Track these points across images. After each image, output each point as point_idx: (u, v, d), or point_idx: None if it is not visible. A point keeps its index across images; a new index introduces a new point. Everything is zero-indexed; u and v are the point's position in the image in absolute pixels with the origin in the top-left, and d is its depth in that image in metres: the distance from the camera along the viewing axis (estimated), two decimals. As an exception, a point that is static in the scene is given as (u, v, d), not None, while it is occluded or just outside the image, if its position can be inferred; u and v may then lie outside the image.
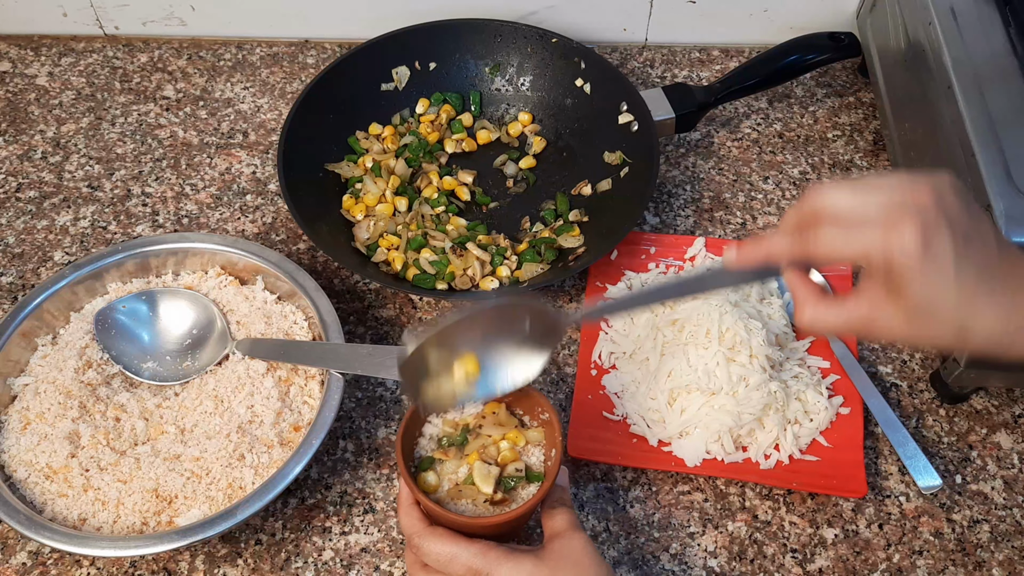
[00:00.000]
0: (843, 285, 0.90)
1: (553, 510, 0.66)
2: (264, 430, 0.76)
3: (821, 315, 0.58)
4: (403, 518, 0.66)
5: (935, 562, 0.76)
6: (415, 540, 0.64)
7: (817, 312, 0.58)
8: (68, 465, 0.74)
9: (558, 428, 0.68)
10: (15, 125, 1.06)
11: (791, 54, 1.01)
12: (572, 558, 0.63)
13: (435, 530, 0.64)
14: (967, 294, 0.53)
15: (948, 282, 0.52)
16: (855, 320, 0.57)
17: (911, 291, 0.53)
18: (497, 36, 1.04)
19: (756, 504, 0.78)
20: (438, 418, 0.70)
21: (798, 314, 0.58)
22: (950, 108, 0.79)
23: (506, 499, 0.66)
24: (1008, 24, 0.84)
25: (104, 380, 0.80)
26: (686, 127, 1.00)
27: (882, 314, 0.55)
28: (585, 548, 0.64)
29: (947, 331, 0.54)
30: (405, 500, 0.67)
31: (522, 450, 0.69)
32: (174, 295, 0.85)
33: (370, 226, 0.92)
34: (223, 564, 0.75)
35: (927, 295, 0.53)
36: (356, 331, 0.89)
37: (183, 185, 1.01)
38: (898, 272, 0.52)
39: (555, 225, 0.94)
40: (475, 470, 0.66)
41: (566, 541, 0.64)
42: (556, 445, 0.68)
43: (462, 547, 0.63)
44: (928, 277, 0.52)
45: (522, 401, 0.70)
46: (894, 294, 0.54)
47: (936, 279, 0.52)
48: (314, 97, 0.97)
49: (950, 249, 0.52)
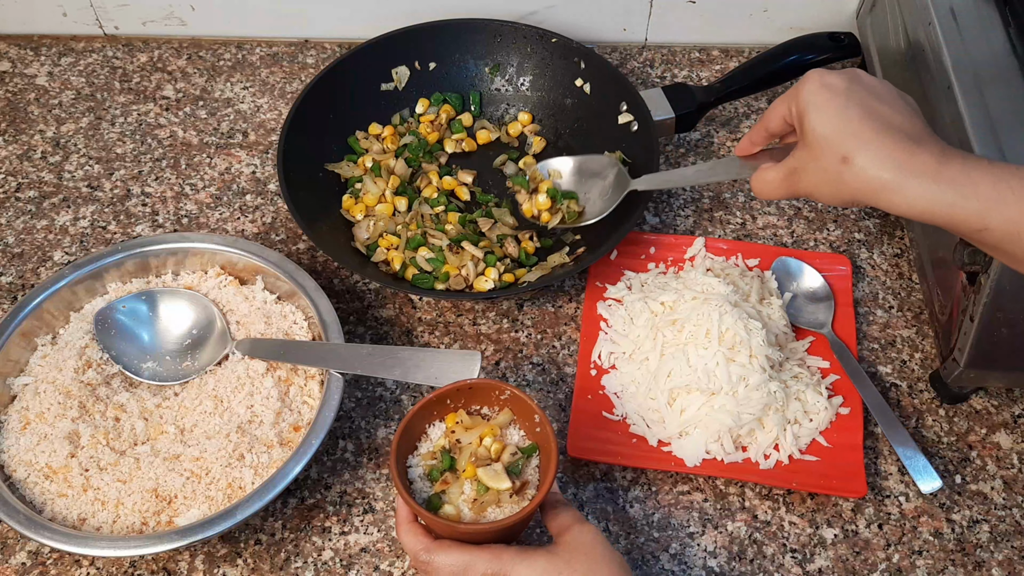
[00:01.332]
0: (843, 285, 0.90)
1: (555, 510, 0.67)
2: (264, 430, 0.76)
3: (762, 177, 0.67)
4: (405, 537, 0.65)
5: (935, 562, 0.76)
6: (422, 556, 0.64)
7: (761, 175, 0.67)
8: (68, 465, 0.74)
9: (525, 397, 0.69)
10: (15, 125, 1.06)
11: (791, 54, 1.01)
12: (583, 549, 0.63)
13: (442, 543, 0.64)
14: (853, 126, 0.59)
15: (836, 110, 0.60)
16: (784, 174, 0.65)
17: (806, 122, 0.62)
18: (497, 36, 1.04)
19: (756, 504, 0.78)
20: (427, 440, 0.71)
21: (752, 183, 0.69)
22: (950, 108, 0.79)
23: (525, 483, 0.67)
24: (1008, 24, 0.84)
25: (104, 380, 0.80)
26: (686, 127, 1.00)
27: (800, 163, 0.63)
28: (595, 538, 0.64)
29: (832, 161, 0.60)
30: (404, 519, 0.66)
31: (503, 437, 0.69)
32: (174, 295, 0.85)
33: (370, 226, 0.92)
34: (223, 564, 0.75)
35: (816, 123, 0.61)
36: (356, 331, 0.89)
37: (183, 185, 1.01)
38: (800, 111, 0.62)
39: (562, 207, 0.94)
40: (482, 478, 0.66)
41: (576, 534, 0.64)
42: (534, 411, 0.68)
43: (474, 555, 0.63)
44: (819, 109, 0.61)
45: (477, 397, 0.71)
46: (803, 141, 0.63)
47: (825, 110, 0.61)
48: (314, 97, 0.97)
49: (841, 86, 0.61)
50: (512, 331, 0.89)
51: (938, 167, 0.57)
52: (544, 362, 0.87)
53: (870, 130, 0.59)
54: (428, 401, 0.70)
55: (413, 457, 0.69)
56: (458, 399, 0.71)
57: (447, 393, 0.70)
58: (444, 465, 0.67)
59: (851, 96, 0.61)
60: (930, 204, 0.57)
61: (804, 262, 0.91)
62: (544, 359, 0.87)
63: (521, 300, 0.92)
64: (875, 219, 0.98)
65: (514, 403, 0.70)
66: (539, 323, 0.90)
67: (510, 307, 0.91)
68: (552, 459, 0.65)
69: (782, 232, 0.97)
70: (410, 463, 0.69)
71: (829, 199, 0.62)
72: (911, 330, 0.89)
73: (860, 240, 0.96)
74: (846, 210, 0.98)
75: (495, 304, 0.91)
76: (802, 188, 0.64)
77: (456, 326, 0.90)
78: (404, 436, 0.68)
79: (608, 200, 0.91)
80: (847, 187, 0.60)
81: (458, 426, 0.70)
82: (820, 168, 0.61)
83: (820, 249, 0.95)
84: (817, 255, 0.92)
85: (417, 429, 0.70)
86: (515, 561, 0.62)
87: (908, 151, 0.58)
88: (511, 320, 0.90)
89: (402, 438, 0.68)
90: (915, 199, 0.57)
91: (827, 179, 0.61)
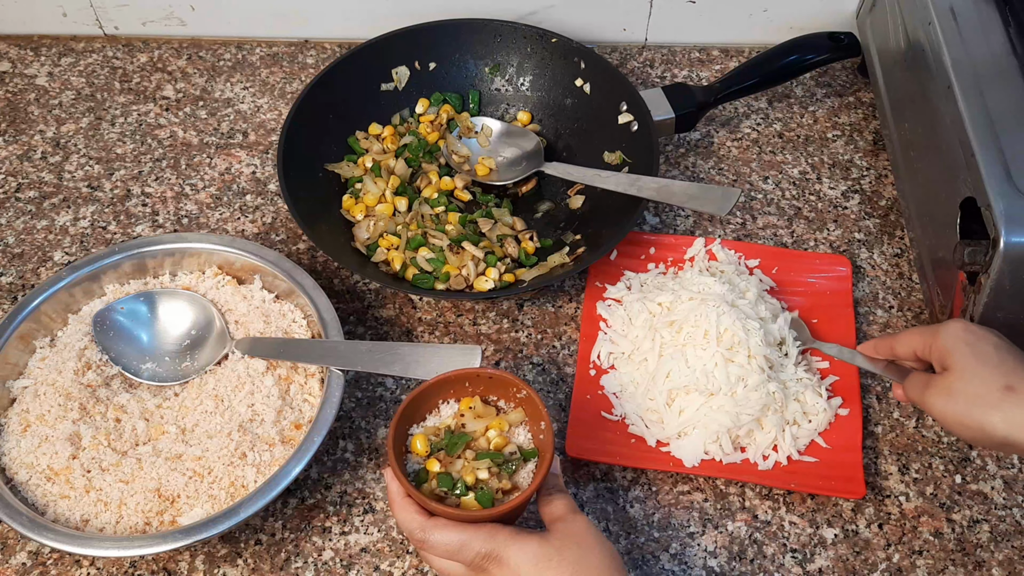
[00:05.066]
0: (842, 287, 0.90)
1: (550, 497, 0.67)
2: (265, 428, 0.76)
3: (918, 380, 0.69)
4: (400, 514, 0.66)
5: (935, 562, 0.76)
6: (418, 535, 0.64)
7: (920, 380, 0.69)
8: (69, 466, 0.74)
9: (539, 402, 0.69)
10: (15, 125, 1.06)
11: (791, 54, 1.01)
12: (575, 538, 0.63)
13: (437, 521, 0.64)
14: (1010, 363, 0.64)
15: (992, 347, 0.65)
16: (924, 386, 0.67)
17: (956, 357, 0.65)
18: (497, 36, 1.03)
19: (756, 504, 0.78)
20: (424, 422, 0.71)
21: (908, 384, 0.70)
22: (950, 108, 0.79)
23: (515, 486, 0.67)
24: (1008, 24, 0.84)
25: (104, 381, 0.80)
26: (686, 127, 1.00)
27: (949, 386, 0.65)
28: (588, 528, 0.64)
29: (993, 389, 0.63)
30: (397, 495, 0.66)
31: (508, 434, 0.70)
32: (172, 296, 0.85)
33: (370, 226, 0.92)
34: (223, 564, 0.75)
35: (971, 357, 0.64)
36: (356, 331, 0.89)
37: (183, 185, 1.01)
38: (946, 348, 0.66)
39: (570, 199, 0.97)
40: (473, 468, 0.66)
41: (568, 524, 0.64)
42: (543, 418, 0.69)
43: (470, 533, 0.63)
44: (971, 345, 0.65)
45: (495, 387, 0.72)
46: (954, 372, 0.65)
47: (978, 345, 0.65)
48: (314, 97, 0.96)
49: (982, 331, 0.66)
50: (512, 331, 0.89)
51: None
52: (544, 362, 0.87)
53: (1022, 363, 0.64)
54: (446, 378, 0.70)
55: (418, 427, 0.70)
56: (477, 385, 0.72)
57: (467, 376, 0.71)
58: (443, 443, 0.68)
59: (995, 339, 0.66)
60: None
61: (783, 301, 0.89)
62: (544, 359, 0.87)
63: (521, 300, 0.92)
64: (875, 219, 0.98)
65: (528, 404, 0.71)
66: (539, 323, 0.90)
67: (510, 307, 0.91)
68: (544, 465, 0.66)
69: (782, 232, 0.97)
70: (412, 431, 0.69)
71: (973, 432, 0.64)
72: (911, 330, 0.89)
73: (860, 240, 0.96)
74: (846, 210, 0.98)
75: (495, 304, 0.91)
76: (935, 404, 0.66)
77: (456, 326, 0.90)
78: (413, 404, 0.69)
79: (518, 171, 0.98)
80: (1006, 417, 0.62)
81: (470, 411, 0.70)
82: (973, 395, 0.63)
83: (820, 249, 0.95)
84: (817, 256, 0.92)
85: (430, 402, 0.71)
86: (508, 543, 0.62)
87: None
88: (511, 320, 0.90)
89: (409, 406, 0.68)
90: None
91: (981, 406, 0.63)
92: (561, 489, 0.68)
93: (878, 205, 0.99)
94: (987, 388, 0.63)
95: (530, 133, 1.01)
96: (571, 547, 0.63)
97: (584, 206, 0.96)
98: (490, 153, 1.01)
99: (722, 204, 0.85)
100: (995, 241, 0.71)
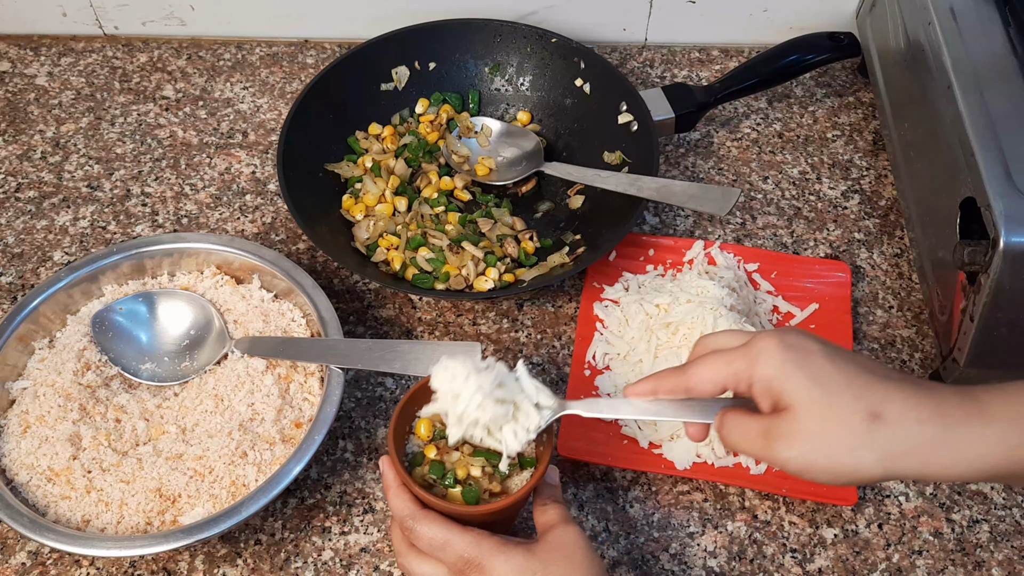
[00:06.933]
0: (841, 293, 0.90)
1: (545, 505, 0.67)
2: (266, 427, 0.76)
3: (739, 421, 0.58)
4: (394, 499, 0.66)
5: (935, 562, 0.76)
6: (408, 523, 0.64)
7: (737, 420, 0.58)
8: (70, 467, 0.74)
9: None
10: (15, 125, 1.06)
11: (791, 54, 1.01)
12: (563, 551, 0.63)
13: (428, 513, 0.64)
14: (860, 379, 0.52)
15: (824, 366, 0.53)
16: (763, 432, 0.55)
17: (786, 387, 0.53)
18: (497, 36, 1.04)
19: (756, 504, 0.78)
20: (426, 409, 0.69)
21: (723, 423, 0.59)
22: (950, 108, 0.79)
23: (504, 490, 0.66)
24: (1008, 24, 0.84)
25: (103, 382, 0.80)
26: (686, 127, 1.00)
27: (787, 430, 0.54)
28: (577, 541, 0.63)
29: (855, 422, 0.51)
30: (393, 481, 0.66)
31: None
32: (171, 296, 0.85)
33: (370, 226, 0.92)
34: (223, 564, 0.75)
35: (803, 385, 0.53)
36: (355, 331, 0.89)
37: (183, 185, 1.01)
38: (768, 376, 0.54)
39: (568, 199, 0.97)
40: (469, 462, 0.66)
41: (559, 534, 0.64)
42: (547, 430, 0.68)
43: (456, 534, 0.63)
44: (800, 367, 0.53)
45: None
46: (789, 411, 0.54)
47: (806, 368, 0.53)
48: (314, 97, 0.96)
49: (800, 341, 0.55)
50: (512, 331, 0.89)
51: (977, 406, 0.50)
52: (544, 362, 0.87)
53: (876, 380, 0.52)
54: None
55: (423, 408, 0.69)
56: None
57: None
58: (445, 432, 0.67)
59: (825, 349, 0.54)
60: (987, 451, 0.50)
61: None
62: (544, 359, 0.87)
63: (521, 300, 0.92)
64: (875, 219, 0.98)
65: None
66: (539, 323, 0.90)
67: (510, 307, 0.91)
68: (538, 473, 0.65)
69: (782, 232, 0.97)
70: (422, 412, 0.68)
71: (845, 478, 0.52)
72: (911, 330, 0.89)
73: (860, 240, 0.96)
74: (846, 210, 0.98)
75: (495, 304, 0.91)
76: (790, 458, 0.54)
77: (456, 326, 0.90)
78: (425, 389, 0.67)
79: (518, 171, 0.99)
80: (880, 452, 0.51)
81: None
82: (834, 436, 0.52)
83: (820, 249, 0.95)
84: (816, 261, 0.92)
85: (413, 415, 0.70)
86: (493, 552, 0.62)
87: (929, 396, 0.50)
88: (511, 320, 0.90)
89: (421, 390, 0.67)
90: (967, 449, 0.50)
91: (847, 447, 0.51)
92: (558, 500, 0.67)
93: (878, 205, 0.99)
94: (847, 423, 0.51)
95: (530, 133, 1.01)
96: (559, 561, 0.62)
97: (584, 206, 0.96)
98: (490, 153, 1.01)
99: (722, 204, 0.85)
100: (995, 241, 0.71)
